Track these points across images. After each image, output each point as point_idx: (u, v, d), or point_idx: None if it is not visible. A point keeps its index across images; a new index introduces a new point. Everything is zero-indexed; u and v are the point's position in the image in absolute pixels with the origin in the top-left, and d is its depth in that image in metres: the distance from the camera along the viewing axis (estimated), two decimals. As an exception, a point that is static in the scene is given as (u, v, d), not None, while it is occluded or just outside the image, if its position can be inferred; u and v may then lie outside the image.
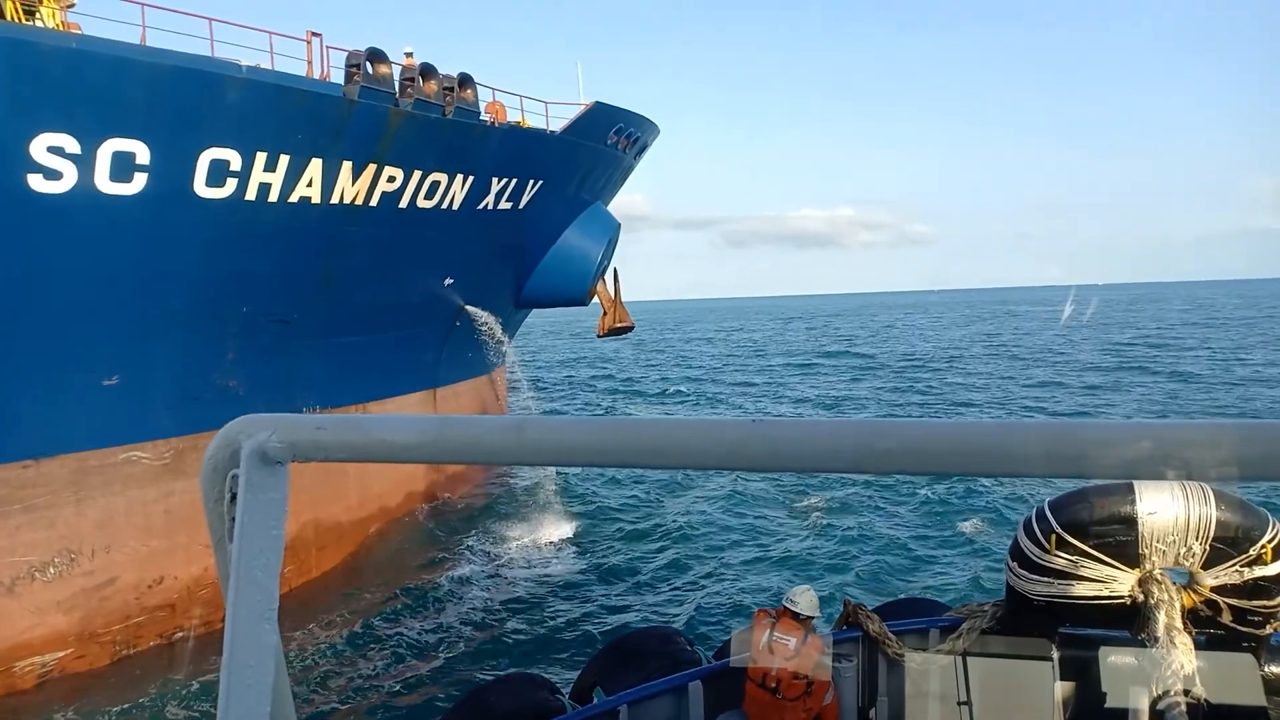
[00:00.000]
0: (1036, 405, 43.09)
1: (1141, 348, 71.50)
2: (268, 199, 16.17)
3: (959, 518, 23.10)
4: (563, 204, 25.31)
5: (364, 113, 16.89)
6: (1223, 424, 1.05)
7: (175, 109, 14.30)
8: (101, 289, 14.64)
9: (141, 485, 15.89)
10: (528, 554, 21.38)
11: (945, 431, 1.14)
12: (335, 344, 19.95)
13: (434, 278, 22.45)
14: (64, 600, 14.80)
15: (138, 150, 14.10)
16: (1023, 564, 6.70)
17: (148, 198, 14.47)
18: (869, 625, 7.97)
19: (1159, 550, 6.19)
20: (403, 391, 22.93)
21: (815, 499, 25.45)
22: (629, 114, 25.91)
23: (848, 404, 46.52)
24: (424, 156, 18.82)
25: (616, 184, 29.33)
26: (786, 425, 1.20)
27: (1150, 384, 49.43)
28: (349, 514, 20.69)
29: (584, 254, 26.82)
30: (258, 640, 1.32)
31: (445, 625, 17.14)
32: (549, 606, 18.03)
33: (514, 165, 21.69)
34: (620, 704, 7.45)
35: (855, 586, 18.27)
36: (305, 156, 16.42)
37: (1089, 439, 1.08)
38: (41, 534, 14.58)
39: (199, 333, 16.53)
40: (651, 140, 30.00)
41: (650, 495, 27.28)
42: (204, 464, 1.40)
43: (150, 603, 15.96)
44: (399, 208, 19.07)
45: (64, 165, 13.44)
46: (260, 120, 15.44)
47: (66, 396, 14.74)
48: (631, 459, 1.26)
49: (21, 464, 14.32)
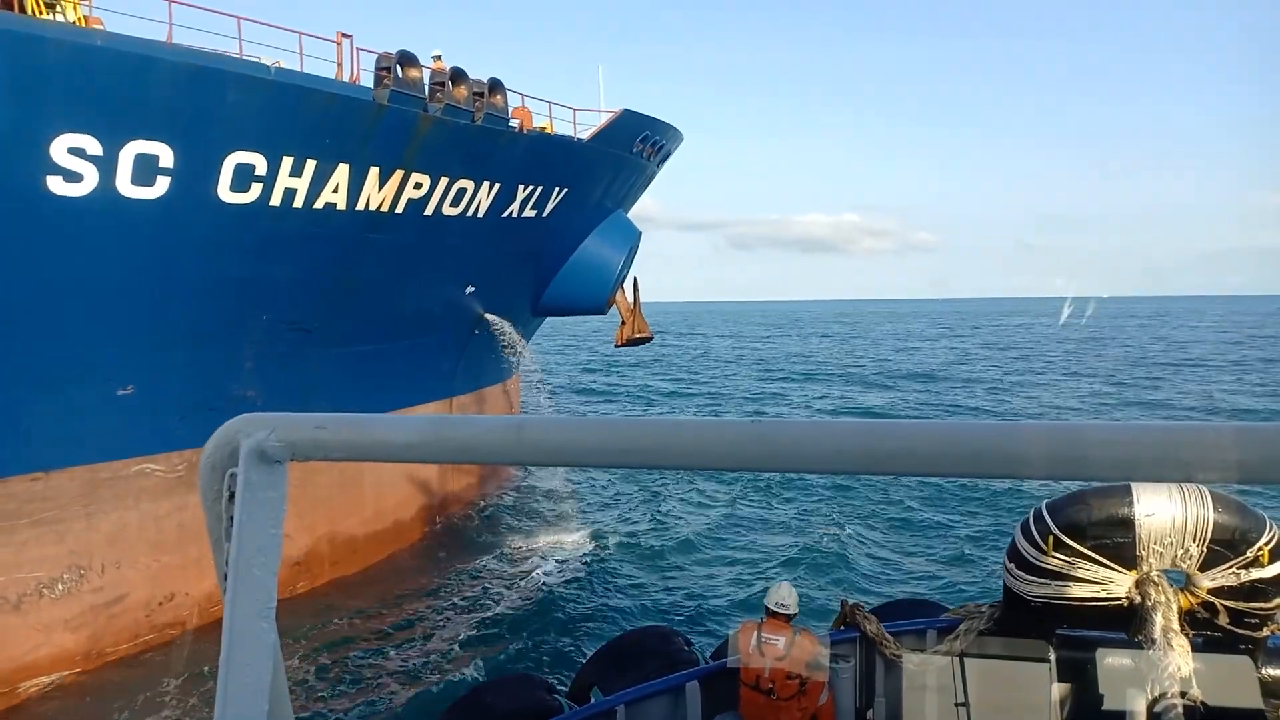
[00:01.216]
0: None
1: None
2: (292, 205, 15.61)
3: (956, 518, 22.92)
4: (586, 212, 24.77)
5: (393, 117, 16.33)
6: (1220, 426, 1.03)
7: (201, 111, 13.74)
8: (118, 296, 14.08)
9: (154, 498, 15.34)
10: (528, 554, 21.28)
11: (944, 433, 1.13)
12: (354, 353, 19.40)
13: (455, 286, 21.90)
14: (72, 618, 14.25)
15: (161, 153, 13.54)
16: (1020, 565, 6.69)
17: (170, 202, 13.91)
18: (866, 626, 7.95)
19: (1156, 552, 6.18)
20: (420, 401, 22.34)
21: (814, 499, 25.27)
22: (656, 122, 25.36)
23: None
24: (451, 163, 18.26)
25: (638, 192, 28.78)
26: (786, 426, 1.19)
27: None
28: (365, 527, 20.14)
29: (604, 262, 26.27)
30: (256, 639, 1.31)
31: (444, 625, 17.07)
32: (547, 606, 17.96)
33: (540, 173, 21.13)
34: (617, 704, 7.45)
35: (853, 587, 18.15)
36: (332, 162, 15.86)
37: (1088, 441, 1.07)
38: (50, 549, 14.02)
39: (217, 341, 15.97)
40: (675, 148, 29.45)
41: (650, 495, 27.15)
42: (202, 462, 1.39)
43: (161, 620, 15.41)
44: (424, 215, 18.51)
45: (85, 167, 12.88)
46: (288, 124, 14.88)
47: (79, 407, 14.18)
48: (631, 459, 1.25)
49: (31, 476, 13.76)
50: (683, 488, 27.76)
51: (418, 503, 22.62)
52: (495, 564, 20.60)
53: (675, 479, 28.31)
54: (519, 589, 18.86)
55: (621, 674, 8.07)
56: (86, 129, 12.71)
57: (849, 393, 54.53)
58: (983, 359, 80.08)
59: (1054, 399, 49.04)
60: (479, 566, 20.39)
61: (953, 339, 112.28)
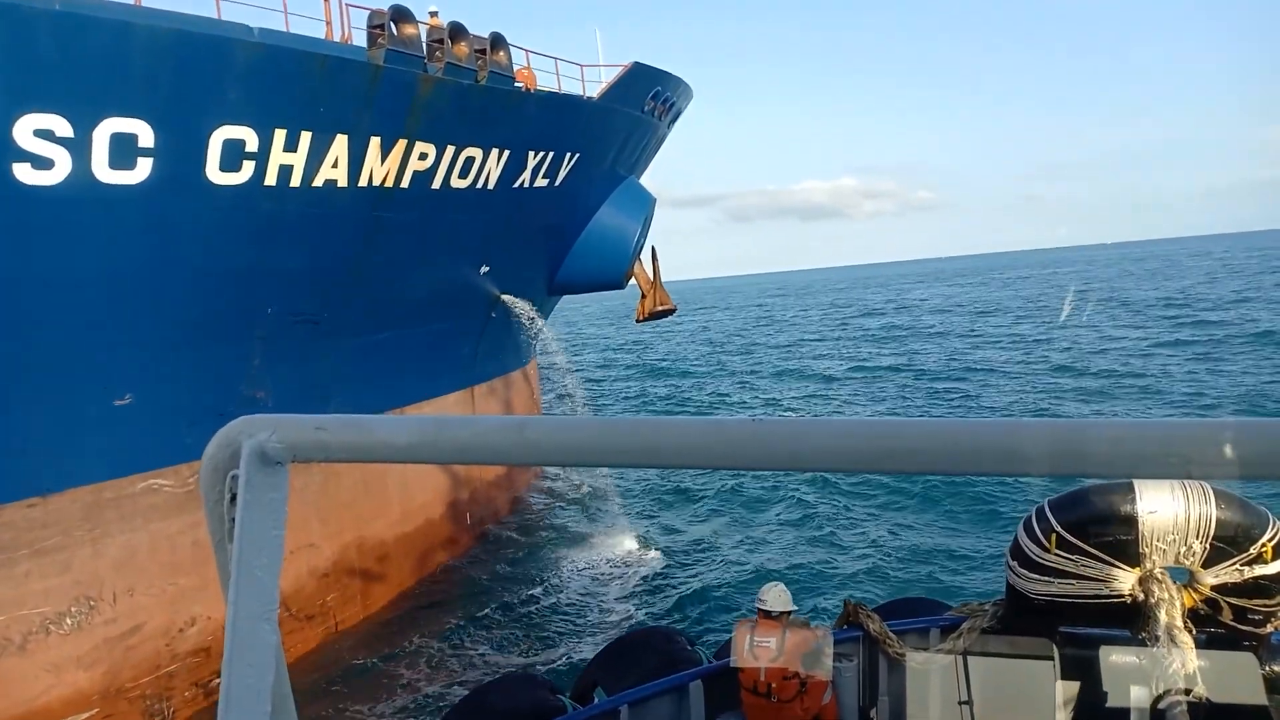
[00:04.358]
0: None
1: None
2: (290, 183, 14.14)
3: (959, 517, 22.59)
4: (598, 180, 23.26)
5: (391, 79, 14.81)
6: (1224, 422, 1.03)
7: (180, 81, 12.24)
8: (106, 295, 12.66)
9: (165, 516, 13.98)
10: (529, 554, 21.10)
11: (946, 430, 1.12)
12: (367, 343, 17.98)
13: (469, 266, 20.44)
14: (84, 654, 12.91)
15: (140, 131, 12.06)
16: (1023, 563, 6.68)
17: (154, 186, 12.45)
18: (869, 625, 7.94)
19: (1159, 549, 6.17)
20: (441, 392, 20.97)
21: (816, 499, 24.82)
22: (667, 76, 23.81)
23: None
24: (457, 129, 16.75)
25: (650, 156, 27.25)
26: (787, 425, 1.19)
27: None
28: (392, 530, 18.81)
29: (620, 234, 24.78)
30: (258, 640, 1.30)
31: (445, 625, 16.97)
32: (549, 606, 17.97)
33: (551, 137, 19.61)
34: (621, 704, 7.48)
35: (855, 586, 18.10)
36: (329, 133, 14.36)
37: (1090, 437, 1.07)
38: (54, 580, 12.68)
39: (220, 339, 14.56)
40: (685, 106, 27.88)
41: (651, 494, 26.82)
42: (203, 464, 1.40)
43: (183, 648, 14.09)
44: (431, 188, 17.02)
45: (55, 151, 11.41)
46: (277, 91, 13.38)
47: (74, 422, 12.80)
48: (632, 459, 1.25)
49: (27, 502, 12.39)
50: (684, 488, 27.25)
51: (442, 502, 21.29)
52: (495, 564, 20.44)
53: (676, 479, 27.85)
54: (519, 589, 18.81)
55: (624, 674, 8.11)
56: (53, 107, 11.23)
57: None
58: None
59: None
60: (479, 566, 20.25)
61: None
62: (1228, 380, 36.86)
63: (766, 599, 7.50)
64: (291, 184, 14.14)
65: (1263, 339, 46.66)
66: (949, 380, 43.66)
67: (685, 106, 27.85)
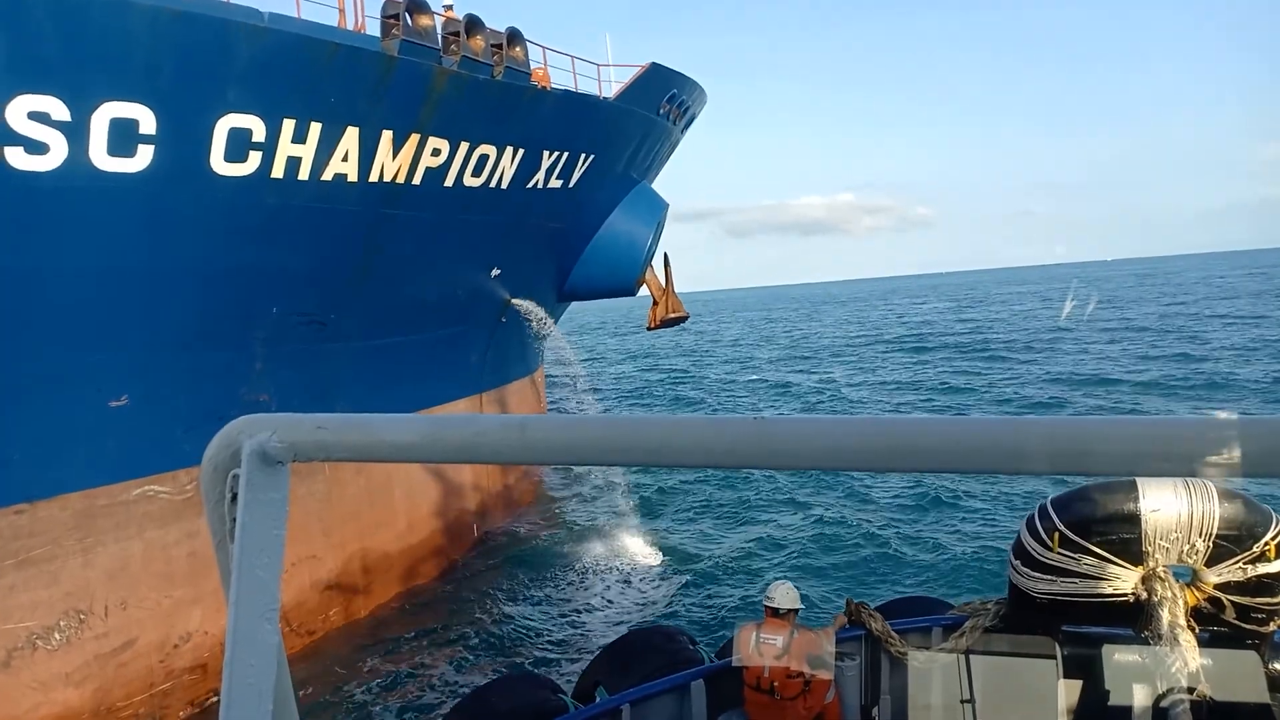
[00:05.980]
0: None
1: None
2: (297, 176, 13.47)
3: (961, 515, 22.37)
4: (611, 183, 22.64)
5: (405, 71, 14.17)
6: (1225, 420, 1.00)
7: (185, 65, 11.58)
8: (101, 289, 11.97)
9: (160, 525, 13.24)
10: (531, 555, 20.78)
11: (947, 429, 1.11)
12: (374, 347, 17.30)
13: (480, 268, 19.78)
14: (74, 671, 12.14)
15: (141, 116, 11.40)
16: (1026, 562, 6.66)
17: (155, 176, 11.78)
18: (872, 624, 7.91)
19: (1162, 547, 6.14)
20: (449, 398, 20.25)
21: (816, 497, 24.66)
22: (684, 78, 23.24)
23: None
24: (471, 125, 16.12)
25: (663, 161, 26.66)
26: (787, 423, 1.17)
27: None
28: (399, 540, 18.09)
29: (632, 239, 24.12)
30: (259, 640, 1.30)
31: (446, 625, 16.78)
32: (551, 606, 17.79)
33: (566, 137, 18.99)
34: (623, 703, 7.46)
35: (858, 585, 17.95)
36: (340, 125, 13.71)
37: (1092, 436, 1.05)
38: (42, 592, 11.93)
39: (221, 339, 13.87)
40: (699, 111, 27.32)
41: (652, 494, 26.53)
42: (204, 464, 1.39)
43: (178, 665, 13.32)
44: (444, 186, 16.37)
45: (51, 136, 10.74)
46: (287, 80, 12.73)
47: (65, 424, 12.09)
48: (634, 458, 1.23)
49: (14, 509, 11.65)
50: (685, 488, 26.90)
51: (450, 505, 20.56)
52: (496, 564, 20.16)
53: (678, 479, 27.51)
54: (520, 589, 18.63)
55: (627, 673, 8.05)
56: (48, 89, 10.57)
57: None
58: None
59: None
60: (479, 566, 19.98)
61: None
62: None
63: (774, 597, 7.45)
64: (299, 177, 13.48)
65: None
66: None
67: (699, 111, 27.30)
